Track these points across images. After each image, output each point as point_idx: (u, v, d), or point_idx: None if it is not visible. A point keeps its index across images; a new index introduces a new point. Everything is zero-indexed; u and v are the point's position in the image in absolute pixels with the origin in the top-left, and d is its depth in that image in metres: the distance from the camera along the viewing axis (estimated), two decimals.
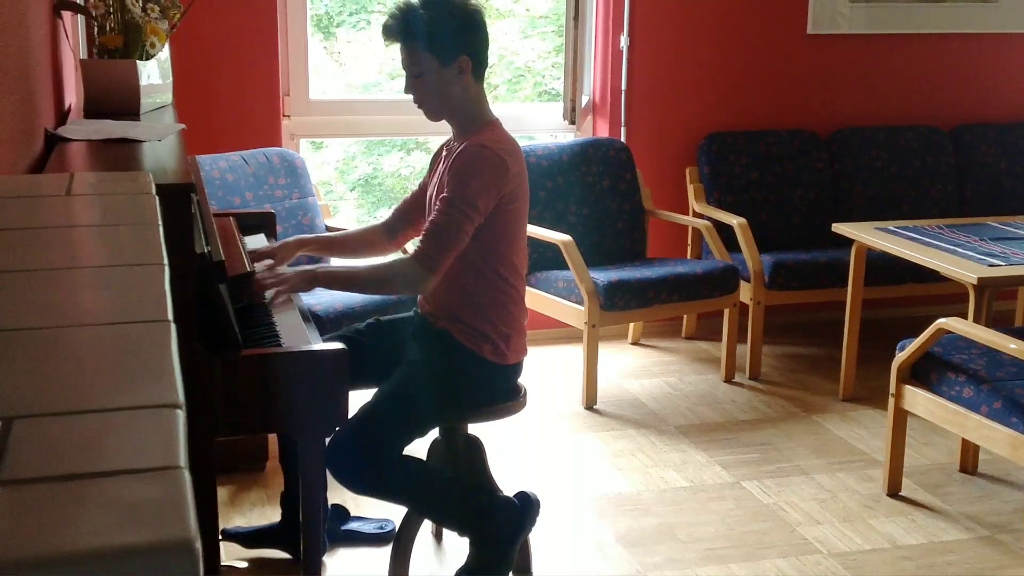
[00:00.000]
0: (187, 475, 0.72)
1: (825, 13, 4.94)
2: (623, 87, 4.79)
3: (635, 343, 4.86)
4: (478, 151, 2.58)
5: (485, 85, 2.73)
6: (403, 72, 2.67)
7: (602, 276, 4.11)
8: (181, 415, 0.80)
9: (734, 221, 4.49)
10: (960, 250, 3.69)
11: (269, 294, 2.62)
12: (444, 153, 2.74)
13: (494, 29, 6.66)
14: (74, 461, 0.74)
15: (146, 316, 1.02)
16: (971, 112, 5.22)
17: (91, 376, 0.90)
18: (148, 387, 0.86)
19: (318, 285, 2.68)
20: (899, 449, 3.41)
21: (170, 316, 1.01)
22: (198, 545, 0.65)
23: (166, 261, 1.19)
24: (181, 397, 0.83)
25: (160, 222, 1.38)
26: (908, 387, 3.29)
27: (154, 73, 2.81)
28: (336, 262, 3.19)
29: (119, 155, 2.24)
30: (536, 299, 4.26)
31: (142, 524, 0.66)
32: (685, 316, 4.85)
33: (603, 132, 4.86)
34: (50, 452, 0.75)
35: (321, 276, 2.67)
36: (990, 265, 3.52)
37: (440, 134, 4.42)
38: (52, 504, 0.68)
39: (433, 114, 2.69)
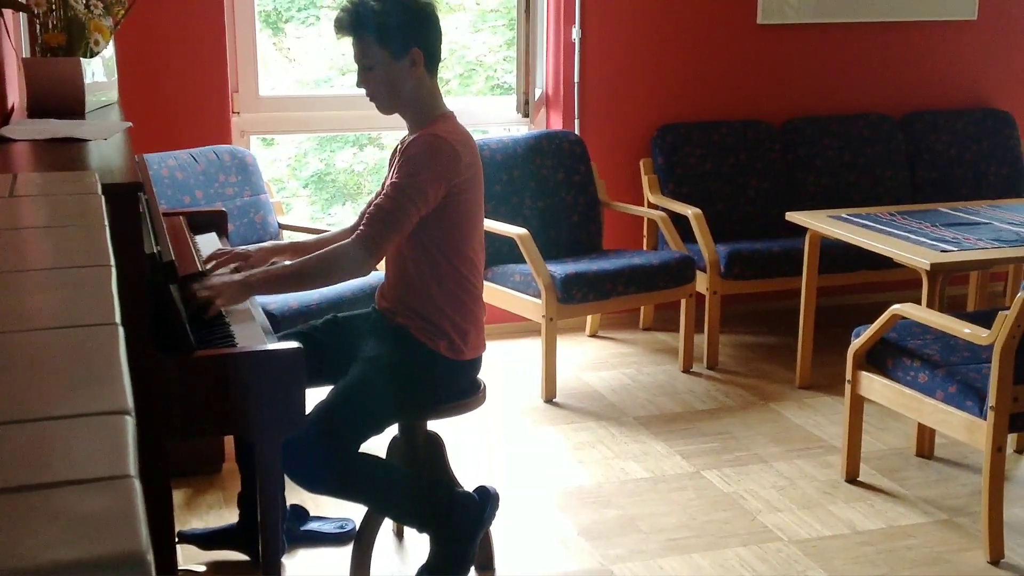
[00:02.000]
0: (137, 484, 0.69)
1: (775, 3, 4.97)
2: (576, 79, 4.78)
3: (593, 335, 4.86)
4: (430, 140, 2.57)
5: (437, 79, 2.71)
6: (355, 67, 2.64)
7: (559, 269, 4.11)
8: (130, 421, 0.78)
9: (689, 212, 4.50)
10: (912, 236, 3.72)
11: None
12: (399, 147, 2.71)
13: (445, 23, 6.64)
14: (19, 472, 0.71)
15: (93, 319, 0.98)
16: (920, 99, 5.27)
17: (36, 383, 0.87)
18: (95, 393, 0.83)
19: (253, 292, 2.55)
20: (856, 435, 3.44)
21: (117, 319, 0.98)
22: (150, 557, 0.63)
23: (113, 262, 1.16)
24: (130, 403, 0.80)
25: (107, 222, 1.35)
26: (864, 373, 3.31)
27: (99, 71, 2.76)
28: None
29: (64, 155, 2.19)
30: (493, 293, 4.24)
31: (92, 537, 0.64)
32: (642, 307, 4.86)
33: (557, 125, 4.85)
34: None
35: (255, 283, 2.53)
36: (942, 251, 3.55)
37: (392, 128, 4.39)
38: None
39: (385, 108, 2.66)
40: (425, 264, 2.64)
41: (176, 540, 2.83)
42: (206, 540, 2.96)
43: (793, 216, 4.13)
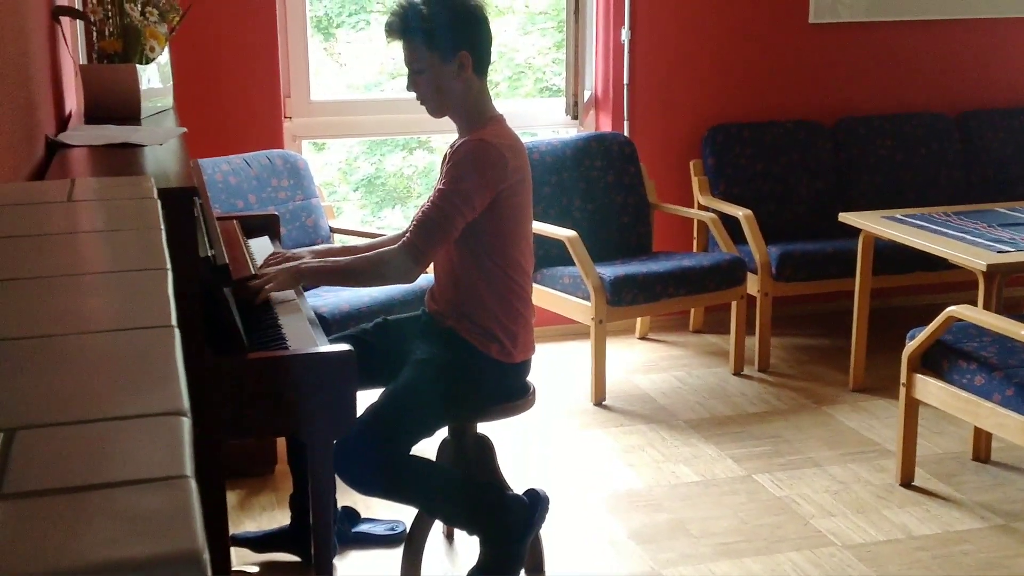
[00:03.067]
0: (194, 484, 0.70)
1: (826, 2, 4.92)
2: (625, 81, 4.76)
3: (643, 338, 4.84)
4: (477, 145, 2.57)
5: (487, 82, 2.71)
6: (405, 71, 2.66)
7: (608, 271, 4.10)
8: (187, 422, 0.79)
9: (740, 213, 4.47)
10: (968, 237, 3.67)
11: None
12: (449, 151, 2.72)
13: (494, 26, 6.66)
14: (78, 472, 0.72)
15: (149, 322, 1.00)
16: (976, 98, 5.19)
17: (94, 385, 0.88)
18: (152, 394, 0.84)
19: (304, 280, 2.66)
20: (911, 439, 3.39)
21: (173, 321, 0.99)
22: (206, 556, 0.64)
23: (169, 265, 1.17)
24: (186, 404, 0.81)
25: (162, 226, 1.37)
26: (919, 376, 3.27)
27: (154, 77, 2.80)
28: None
29: (120, 160, 2.23)
30: (542, 296, 4.24)
31: (149, 536, 0.64)
32: (692, 309, 4.83)
33: (606, 127, 4.84)
34: (53, 464, 0.73)
35: (306, 271, 2.64)
36: (999, 251, 3.49)
37: (441, 132, 4.41)
38: (56, 517, 0.66)
39: (435, 111, 2.67)
40: (474, 267, 2.64)
41: (230, 543, 2.86)
42: (259, 542, 2.99)
43: (846, 217, 4.09)
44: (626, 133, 4.77)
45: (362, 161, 6.98)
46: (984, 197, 4.93)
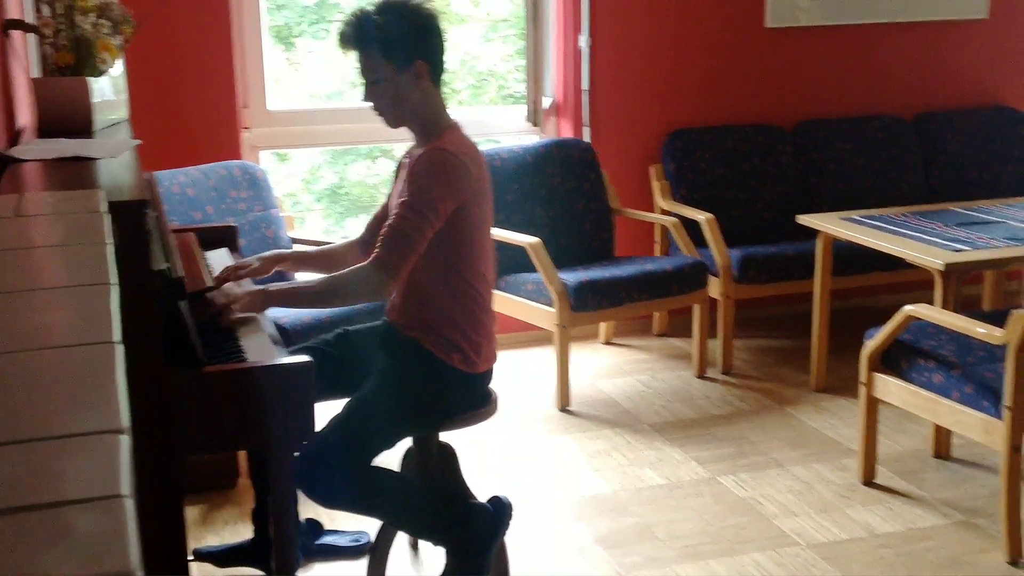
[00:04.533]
0: (130, 504, 0.70)
1: (783, 6, 4.96)
2: (585, 87, 4.78)
3: (607, 342, 4.85)
4: (437, 155, 2.56)
5: (447, 90, 2.71)
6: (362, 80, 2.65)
7: (571, 277, 4.10)
8: (126, 440, 0.78)
9: (701, 217, 4.49)
10: (926, 237, 3.70)
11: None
12: (406, 160, 2.72)
13: (455, 34, 6.65)
14: (15, 494, 0.71)
15: (92, 338, 0.99)
16: (933, 100, 5.24)
17: (34, 403, 0.87)
18: (91, 413, 0.83)
19: (272, 304, 2.59)
20: (872, 437, 3.42)
21: (116, 337, 0.98)
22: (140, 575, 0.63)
23: (114, 280, 1.16)
24: (126, 422, 0.80)
25: (110, 240, 1.36)
26: (879, 375, 3.30)
27: (107, 89, 2.77)
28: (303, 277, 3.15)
29: (73, 174, 2.20)
30: (506, 302, 4.24)
31: (85, 558, 0.64)
32: (656, 313, 4.85)
33: (567, 133, 4.85)
34: None
35: (274, 294, 2.58)
36: (956, 251, 3.53)
37: (403, 141, 4.39)
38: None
39: (392, 121, 2.67)
40: (436, 277, 2.63)
41: (191, 557, 2.83)
42: (222, 557, 2.97)
43: (804, 219, 4.12)
44: (587, 139, 4.78)
45: (325, 171, 6.95)
46: (944, 198, 4.98)
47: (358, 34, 2.57)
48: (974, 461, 3.58)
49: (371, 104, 2.64)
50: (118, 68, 2.90)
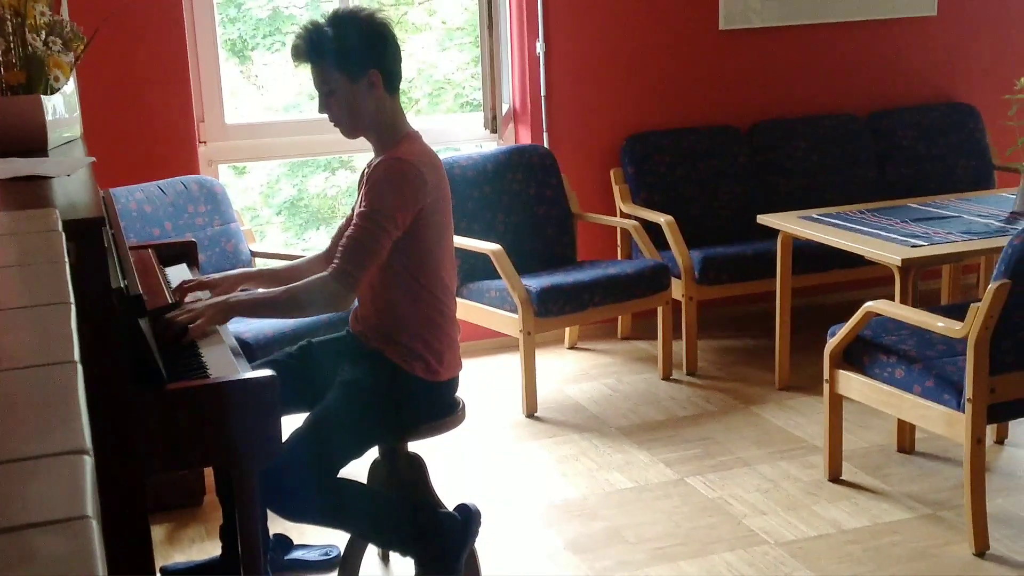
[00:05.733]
0: (95, 524, 0.69)
1: (736, 8, 4.99)
2: (542, 93, 4.79)
3: (572, 347, 4.86)
4: (394, 164, 2.56)
5: (405, 99, 2.70)
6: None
7: (534, 283, 4.11)
8: (89, 461, 0.77)
9: (661, 219, 4.51)
10: (883, 233, 3.74)
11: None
12: (366, 171, 2.71)
13: (411, 43, 6.64)
14: None
15: (51, 358, 0.97)
16: (885, 97, 5.30)
17: None
18: (53, 433, 0.82)
19: (234, 315, 2.57)
20: (837, 434, 3.44)
21: (76, 357, 0.97)
22: None
23: (72, 299, 1.14)
24: (88, 442, 0.79)
25: (66, 259, 1.34)
26: (841, 372, 3.32)
27: (60, 107, 2.74)
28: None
29: (27, 193, 2.17)
30: (469, 310, 4.24)
31: None
32: (620, 317, 4.86)
33: (525, 139, 4.85)
34: None
35: (236, 305, 2.56)
36: (913, 246, 3.57)
37: (362, 151, 4.38)
38: None
39: (349, 131, 2.66)
40: (397, 287, 2.63)
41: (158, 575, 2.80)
42: (189, 574, 2.94)
43: (764, 219, 4.15)
44: (546, 145, 4.79)
45: (283, 183, 6.92)
46: (900, 194, 5.04)
47: (311, 47, 2.57)
48: (938, 454, 3.62)
49: (328, 115, 2.64)
50: (70, 86, 2.86)
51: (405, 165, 2.56)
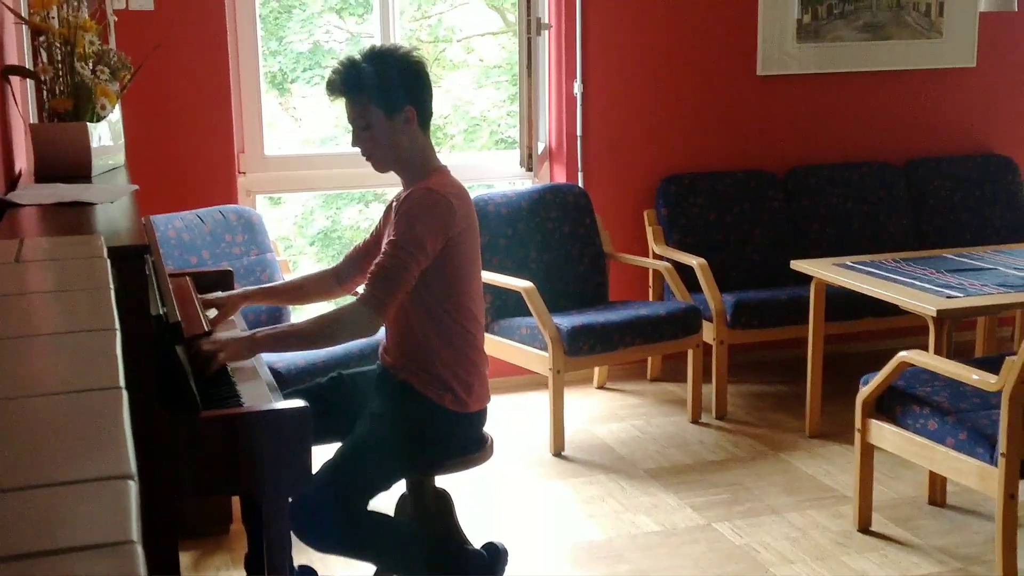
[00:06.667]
0: (139, 549, 0.69)
1: (774, 54, 5.01)
2: (579, 133, 4.82)
3: (601, 387, 4.84)
4: (424, 194, 2.59)
5: (441, 135, 2.73)
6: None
7: (565, 321, 4.11)
8: (133, 486, 0.78)
9: (694, 262, 4.51)
10: (918, 283, 3.72)
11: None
12: (395, 203, 2.74)
13: (448, 80, 6.71)
14: (23, 540, 0.71)
15: (97, 384, 0.99)
16: (922, 147, 5.29)
17: (40, 449, 0.87)
18: (99, 458, 0.83)
19: (258, 351, 2.55)
20: (867, 484, 3.41)
21: (121, 383, 0.98)
22: None
23: (117, 326, 1.16)
24: (133, 467, 0.80)
25: (112, 285, 1.36)
26: (873, 421, 3.30)
27: (105, 135, 2.79)
28: (295, 316, 3.16)
29: (71, 219, 2.21)
30: (499, 347, 4.24)
31: None
32: (650, 358, 4.85)
33: (560, 178, 4.88)
34: (1, 531, 0.72)
35: (261, 340, 2.54)
36: (948, 297, 3.54)
37: (396, 185, 4.41)
38: None
39: (381, 165, 2.70)
40: (425, 318, 2.64)
41: None
42: None
43: (798, 264, 4.14)
44: (580, 184, 4.81)
45: (318, 215, 6.98)
46: (932, 244, 5.02)
47: (347, 81, 2.61)
48: (969, 508, 3.58)
49: (360, 149, 2.67)
50: (116, 114, 2.91)
51: (435, 195, 2.59)
